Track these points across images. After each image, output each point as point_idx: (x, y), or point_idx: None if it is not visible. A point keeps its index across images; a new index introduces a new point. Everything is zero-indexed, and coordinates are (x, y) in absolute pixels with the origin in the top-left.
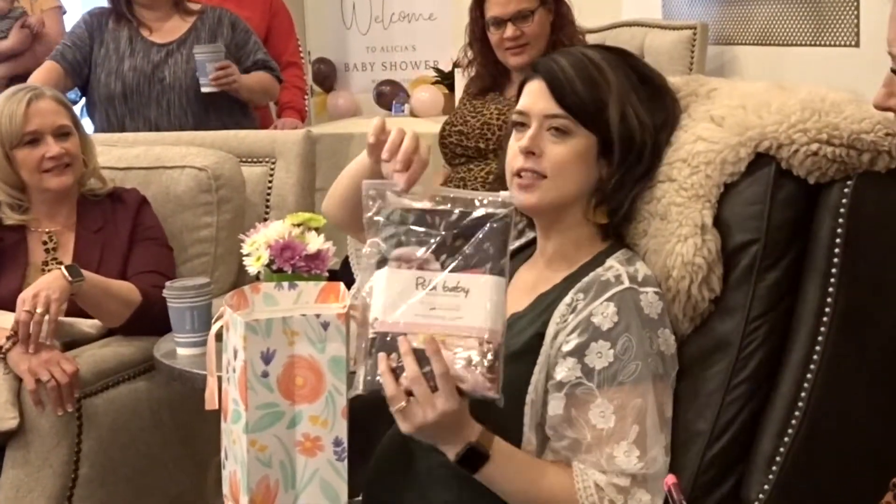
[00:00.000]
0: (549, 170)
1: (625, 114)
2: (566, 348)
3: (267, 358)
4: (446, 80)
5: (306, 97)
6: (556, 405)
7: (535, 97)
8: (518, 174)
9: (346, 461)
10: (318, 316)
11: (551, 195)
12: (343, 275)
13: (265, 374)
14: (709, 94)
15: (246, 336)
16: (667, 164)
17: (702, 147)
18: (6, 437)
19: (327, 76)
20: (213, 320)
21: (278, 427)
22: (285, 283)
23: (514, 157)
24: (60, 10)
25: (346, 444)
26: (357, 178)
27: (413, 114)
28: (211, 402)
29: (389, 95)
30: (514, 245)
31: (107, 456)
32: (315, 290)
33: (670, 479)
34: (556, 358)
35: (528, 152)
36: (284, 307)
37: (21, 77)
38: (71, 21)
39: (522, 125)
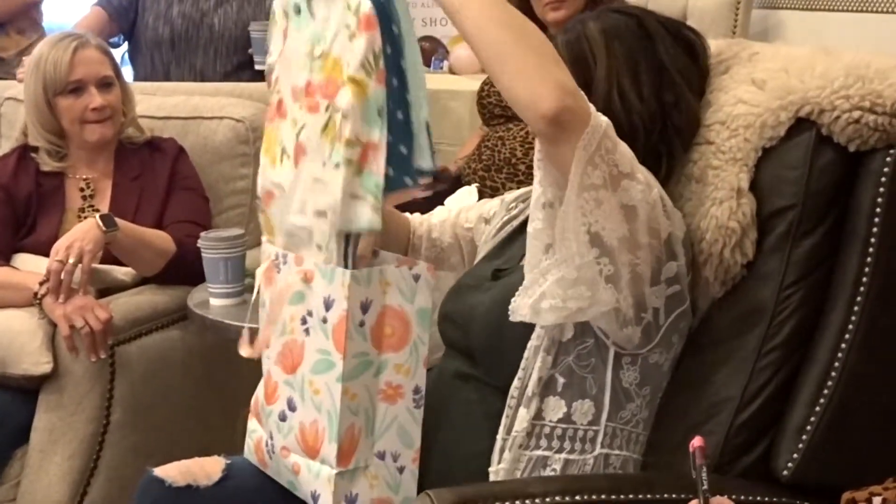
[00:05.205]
0: None
1: (610, 94)
2: None
3: (365, 307)
4: None
5: None
6: None
7: None
8: None
9: (422, 409)
10: (410, 268)
11: None
12: None
13: (362, 324)
14: (751, 58)
15: (350, 285)
16: (704, 127)
17: (742, 110)
18: (40, 381)
19: None
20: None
21: (366, 375)
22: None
23: None
24: None
25: (423, 392)
26: None
27: (452, 71)
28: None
29: (429, 51)
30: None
31: (139, 402)
32: None
33: (697, 440)
34: None
35: None
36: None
37: None
38: None
39: None
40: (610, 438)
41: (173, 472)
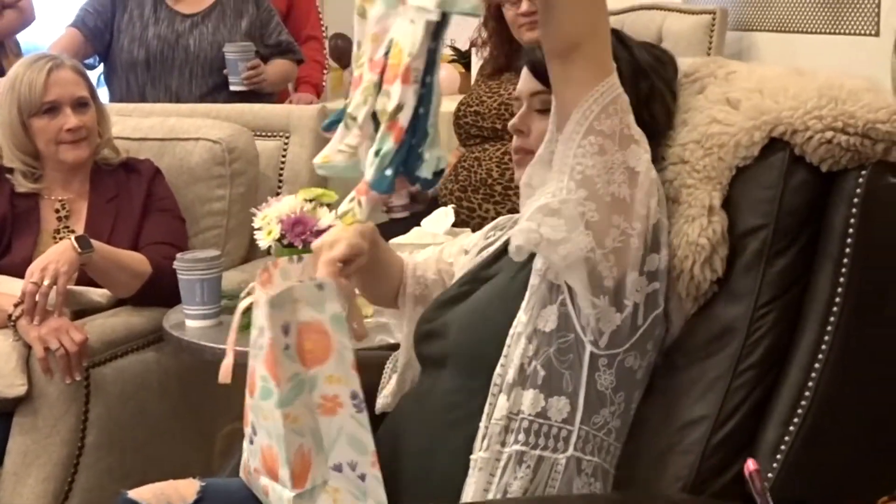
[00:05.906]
0: (536, 145)
1: None
2: None
3: (286, 330)
4: (463, 58)
5: (325, 72)
6: None
7: (523, 80)
8: (514, 153)
9: (365, 411)
10: (311, 279)
11: None
12: None
13: (287, 347)
14: (727, 77)
15: (270, 313)
16: (679, 146)
17: (716, 129)
18: (14, 403)
19: (344, 52)
20: (241, 295)
21: (303, 395)
22: (295, 257)
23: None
24: None
25: (362, 396)
26: None
27: None
28: (225, 376)
29: None
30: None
31: (114, 424)
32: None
33: (752, 464)
34: None
35: (518, 131)
36: (294, 280)
37: None
38: None
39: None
40: (583, 442)
41: (147, 494)
